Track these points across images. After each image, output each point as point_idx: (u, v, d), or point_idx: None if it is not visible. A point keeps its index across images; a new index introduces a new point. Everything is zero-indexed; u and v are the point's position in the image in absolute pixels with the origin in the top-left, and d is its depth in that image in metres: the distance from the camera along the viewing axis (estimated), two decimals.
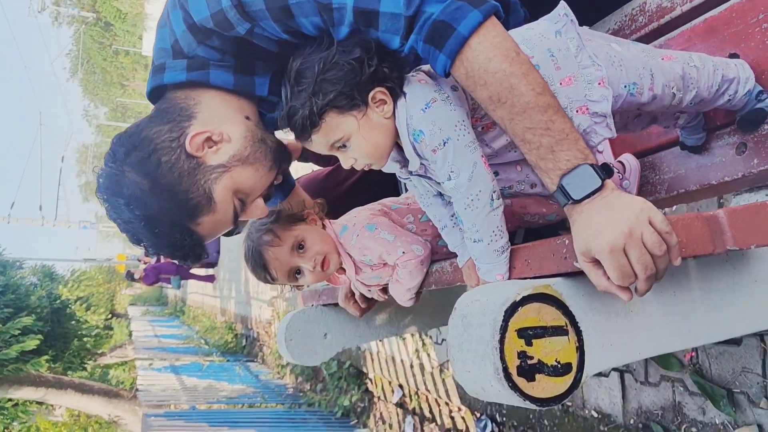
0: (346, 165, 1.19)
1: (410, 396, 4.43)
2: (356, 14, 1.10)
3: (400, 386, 4.62)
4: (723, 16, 1.40)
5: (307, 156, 2.40)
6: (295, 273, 1.59)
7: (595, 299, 1.08)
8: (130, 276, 13.45)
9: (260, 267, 1.56)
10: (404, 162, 1.23)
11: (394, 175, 2.11)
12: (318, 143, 1.16)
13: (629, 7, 1.62)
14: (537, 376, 1.00)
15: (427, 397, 4.19)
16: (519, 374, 0.98)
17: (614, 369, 2.53)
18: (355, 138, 1.14)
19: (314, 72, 1.12)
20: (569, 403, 2.78)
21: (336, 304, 2.30)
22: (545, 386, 1.00)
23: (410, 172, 1.23)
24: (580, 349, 1.04)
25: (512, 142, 1.18)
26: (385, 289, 1.70)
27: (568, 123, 1.00)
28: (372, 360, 5.17)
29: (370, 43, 1.13)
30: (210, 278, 13.48)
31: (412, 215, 1.57)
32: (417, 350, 4.27)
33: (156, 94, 1.42)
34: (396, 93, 1.14)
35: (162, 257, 12.62)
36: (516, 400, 0.99)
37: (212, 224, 1.31)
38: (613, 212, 0.90)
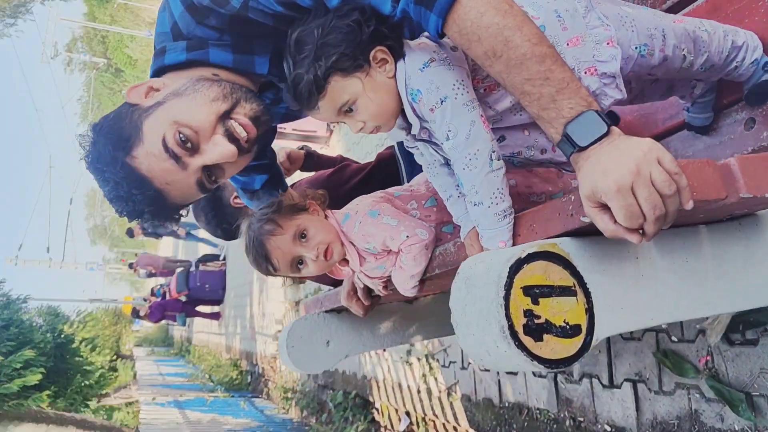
0: (354, 129, 1.19)
1: (417, 423, 4.32)
2: None
3: (407, 414, 4.51)
4: None
5: (309, 165, 2.40)
6: (298, 263, 1.55)
7: (604, 261, 1.04)
8: (135, 313, 13.40)
9: (262, 257, 1.53)
10: (409, 128, 1.22)
11: (397, 175, 2.11)
12: (325, 109, 1.16)
13: None
14: (545, 336, 0.95)
15: (434, 422, 4.08)
16: (526, 333, 0.94)
17: (626, 379, 2.45)
18: (361, 99, 1.14)
19: (314, 37, 1.13)
20: (581, 418, 2.69)
21: (339, 311, 2.26)
22: (554, 347, 0.96)
23: (415, 138, 1.22)
24: (590, 311, 0.99)
25: (516, 104, 1.16)
26: (387, 284, 1.66)
27: (567, 72, 0.98)
28: (378, 388, 5.06)
29: (365, 7, 1.13)
30: (215, 315, 13.38)
31: (415, 201, 1.54)
32: (424, 375, 4.18)
33: (157, 77, 1.42)
34: (397, 52, 1.14)
35: (166, 292, 12.54)
36: (523, 361, 0.94)
37: (148, 157, 1.28)
38: (620, 152, 0.87)
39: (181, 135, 1.26)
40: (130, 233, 14.01)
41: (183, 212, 1.48)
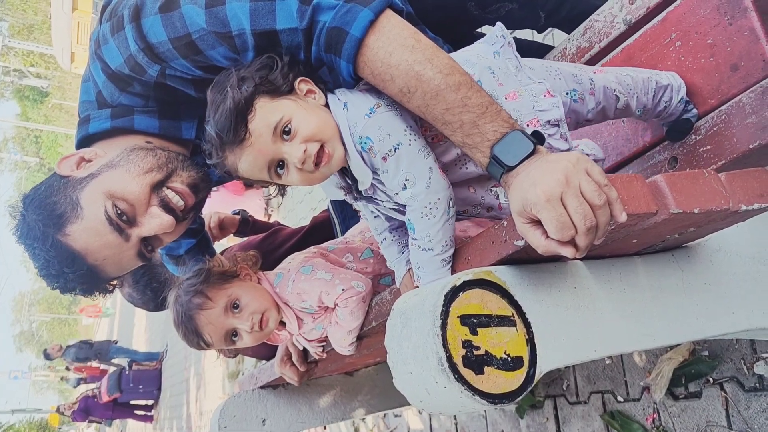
0: (296, 156, 1.04)
1: None
2: (256, 37, 1.09)
3: None
4: (638, 43, 1.45)
5: (244, 231, 2.33)
6: (232, 336, 1.46)
7: (542, 290, 1.00)
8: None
9: (192, 333, 1.43)
10: (348, 187, 1.18)
11: (332, 237, 2.06)
12: (259, 134, 1.03)
13: (551, 55, 1.68)
14: (486, 369, 0.90)
15: None
16: (465, 365, 0.88)
17: None
18: (297, 116, 1.05)
19: (230, 74, 1.09)
20: None
21: (275, 386, 2.13)
22: (496, 381, 0.90)
23: (358, 196, 1.17)
24: (531, 342, 0.95)
25: (462, 155, 1.13)
26: (326, 345, 1.57)
27: (485, 97, 0.98)
28: None
29: (280, 52, 1.11)
30: (147, 418, 12.58)
31: (351, 254, 1.49)
32: None
33: (84, 146, 1.39)
34: (320, 83, 1.12)
35: (96, 395, 11.79)
36: (465, 397, 0.87)
37: (85, 233, 1.25)
38: (549, 164, 0.85)
39: (117, 208, 1.24)
40: (47, 356, 13.25)
41: (116, 282, 1.46)
